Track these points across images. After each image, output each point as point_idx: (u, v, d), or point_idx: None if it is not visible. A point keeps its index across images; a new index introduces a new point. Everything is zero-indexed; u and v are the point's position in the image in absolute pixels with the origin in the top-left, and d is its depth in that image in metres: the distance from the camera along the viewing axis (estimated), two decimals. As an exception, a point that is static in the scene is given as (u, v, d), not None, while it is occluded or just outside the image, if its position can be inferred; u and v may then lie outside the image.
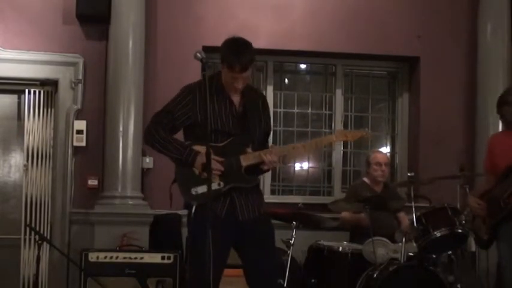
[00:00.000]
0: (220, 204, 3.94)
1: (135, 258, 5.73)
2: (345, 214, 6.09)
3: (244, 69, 3.89)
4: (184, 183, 3.93)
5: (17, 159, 6.76)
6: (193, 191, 3.86)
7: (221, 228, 3.85)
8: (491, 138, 5.22)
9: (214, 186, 3.87)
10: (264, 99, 4.22)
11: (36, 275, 5.48)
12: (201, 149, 3.83)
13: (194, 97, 3.93)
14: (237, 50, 3.91)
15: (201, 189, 3.82)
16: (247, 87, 4.06)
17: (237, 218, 3.95)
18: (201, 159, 3.83)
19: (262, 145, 4.09)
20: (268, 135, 4.23)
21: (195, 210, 3.83)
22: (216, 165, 3.86)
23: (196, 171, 3.88)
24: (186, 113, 3.95)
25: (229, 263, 4.06)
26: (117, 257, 5.71)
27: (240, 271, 4.17)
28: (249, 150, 3.97)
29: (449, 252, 5.62)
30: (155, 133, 3.95)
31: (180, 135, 4.07)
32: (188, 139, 4.01)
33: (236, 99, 4.03)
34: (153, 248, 6.17)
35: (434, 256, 5.50)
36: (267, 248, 4.03)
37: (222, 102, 3.99)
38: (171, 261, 5.73)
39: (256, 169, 4.02)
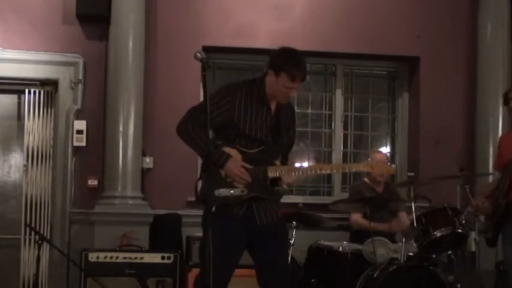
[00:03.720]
0: (237, 208, 3.93)
1: (135, 258, 5.73)
2: (357, 218, 6.02)
3: (305, 78, 3.94)
4: (208, 182, 3.92)
5: (17, 159, 6.76)
6: (217, 193, 3.85)
7: (236, 230, 3.88)
8: (500, 139, 5.32)
9: (237, 192, 3.89)
10: (293, 112, 4.24)
11: (36, 275, 5.49)
12: (232, 152, 3.88)
13: (234, 99, 3.92)
14: (298, 60, 3.92)
15: (224, 192, 3.84)
16: None
17: (255, 222, 3.95)
18: (231, 164, 3.85)
19: (285, 154, 4.11)
20: (292, 146, 4.24)
21: (215, 211, 3.80)
22: (244, 173, 3.87)
23: (223, 174, 3.89)
24: (222, 113, 3.92)
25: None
26: (117, 257, 5.72)
27: (244, 271, 4.18)
28: (277, 162, 3.99)
29: (449, 252, 5.62)
30: (191, 128, 3.94)
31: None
32: (219, 138, 3.99)
33: (273, 108, 4.03)
34: (153, 248, 6.17)
35: (434, 256, 5.50)
36: (281, 250, 4.06)
37: (259, 110, 3.98)
38: (171, 261, 5.74)
39: (280, 182, 4.02)
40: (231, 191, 3.86)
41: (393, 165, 4.38)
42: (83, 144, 6.50)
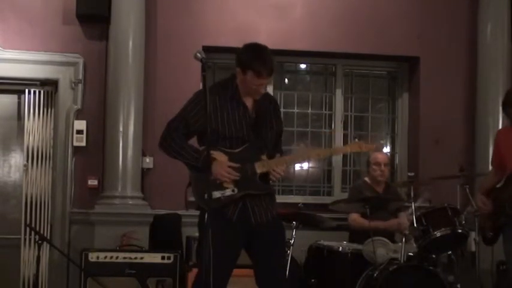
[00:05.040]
0: (232, 208, 3.95)
1: (135, 258, 5.73)
2: (355, 217, 6.02)
3: (271, 73, 3.93)
4: (198, 188, 3.94)
5: (17, 159, 6.76)
6: (207, 196, 3.86)
7: (232, 231, 3.89)
8: (498, 133, 5.33)
9: (228, 192, 3.91)
10: (275, 103, 4.25)
11: (36, 275, 5.49)
12: (216, 155, 3.88)
13: (206, 105, 3.92)
14: (261, 55, 3.92)
15: (215, 194, 3.85)
16: None
17: (250, 222, 3.96)
18: (217, 166, 3.86)
19: (275, 146, 4.13)
20: (280, 136, 4.26)
21: (209, 214, 3.82)
22: (232, 173, 3.89)
23: (211, 177, 3.88)
24: (198, 120, 3.95)
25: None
26: (117, 257, 5.72)
27: (243, 271, 4.18)
28: (264, 157, 3.99)
29: (449, 252, 5.62)
30: (171, 141, 3.98)
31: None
32: (203, 144, 4.01)
33: (250, 104, 4.04)
34: (153, 248, 6.17)
35: (434, 256, 5.50)
36: (277, 250, 4.05)
37: (236, 109, 3.99)
38: (171, 261, 5.74)
39: (269, 176, 4.03)
40: (222, 193, 3.88)
41: (381, 142, 4.38)
42: (83, 144, 6.50)
